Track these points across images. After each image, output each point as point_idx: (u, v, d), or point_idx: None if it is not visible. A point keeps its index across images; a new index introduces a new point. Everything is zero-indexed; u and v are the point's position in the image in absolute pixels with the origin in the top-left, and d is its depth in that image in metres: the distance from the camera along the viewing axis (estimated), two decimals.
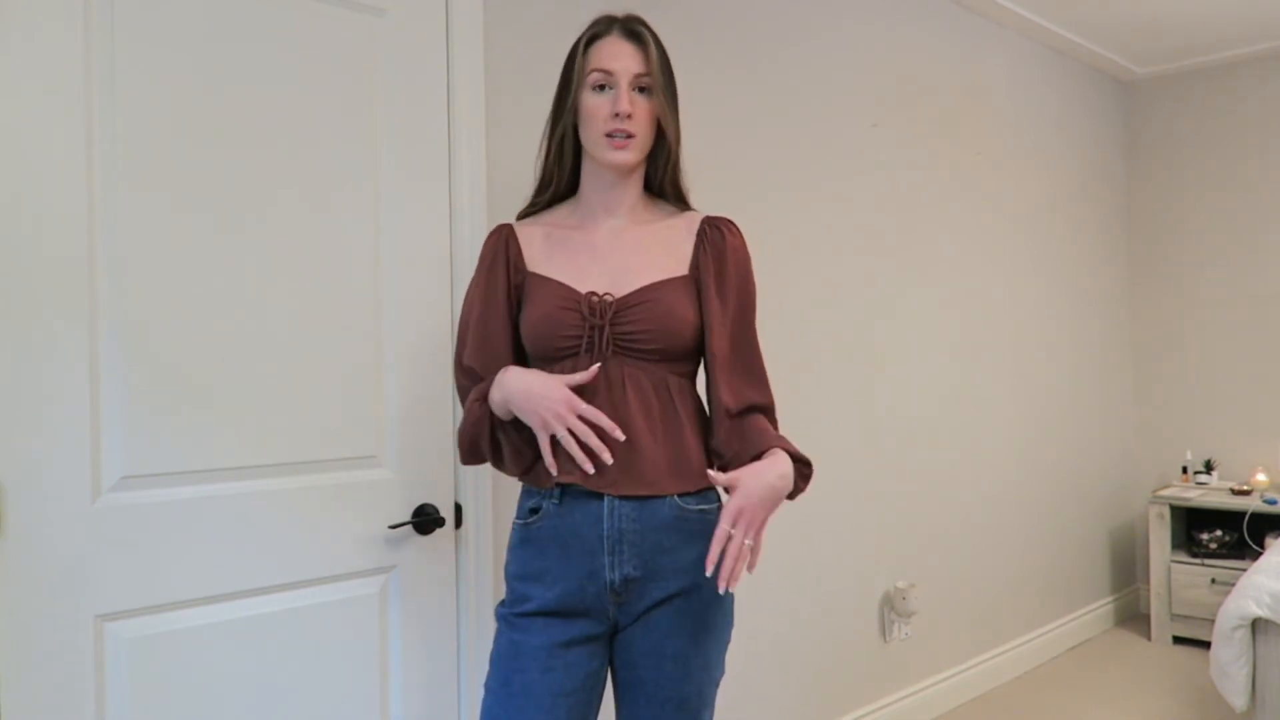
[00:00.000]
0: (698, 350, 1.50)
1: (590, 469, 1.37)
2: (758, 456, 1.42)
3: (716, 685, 1.50)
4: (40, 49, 1.48)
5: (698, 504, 1.45)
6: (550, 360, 1.46)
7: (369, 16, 1.85)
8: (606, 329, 1.42)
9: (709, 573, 1.32)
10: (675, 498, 1.42)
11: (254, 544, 1.69)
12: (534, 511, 1.45)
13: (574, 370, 1.42)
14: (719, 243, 1.51)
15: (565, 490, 1.42)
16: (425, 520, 1.89)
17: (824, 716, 2.86)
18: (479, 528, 1.99)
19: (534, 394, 1.37)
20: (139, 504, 1.57)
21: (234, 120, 1.67)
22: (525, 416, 1.39)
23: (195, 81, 1.63)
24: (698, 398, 1.52)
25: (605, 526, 1.40)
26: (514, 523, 1.50)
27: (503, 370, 1.44)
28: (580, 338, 1.42)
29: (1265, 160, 4.11)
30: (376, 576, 1.85)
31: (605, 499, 1.40)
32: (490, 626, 2.00)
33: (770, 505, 1.35)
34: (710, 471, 1.36)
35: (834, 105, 2.92)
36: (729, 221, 1.54)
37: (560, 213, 1.56)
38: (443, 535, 1.94)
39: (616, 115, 1.41)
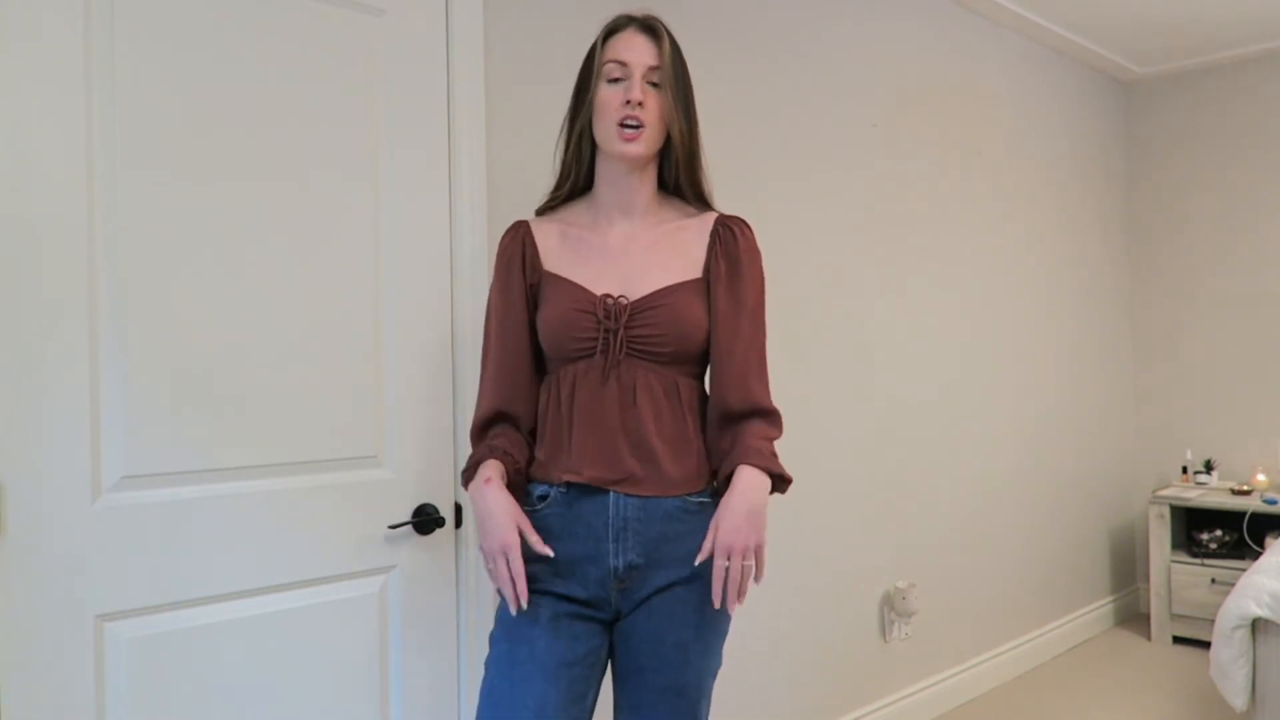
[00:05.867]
0: (708, 353, 1.53)
1: (517, 607, 1.41)
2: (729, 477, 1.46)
3: (714, 676, 1.52)
4: (40, 48, 1.48)
5: (699, 496, 1.49)
6: (565, 360, 1.49)
7: (369, 16, 1.85)
8: (621, 331, 1.45)
9: (716, 605, 1.38)
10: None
11: (254, 544, 1.69)
12: (542, 499, 1.49)
13: (589, 371, 1.46)
14: (731, 244, 1.52)
15: (572, 482, 1.47)
16: (425, 520, 1.89)
17: (824, 716, 2.86)
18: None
19: (485, 527, 1.42)
20: (139, 504, 1.57)
21: (233, 120, 1.67)
22: (479, 535, 1.44)
23: (195, 81, 1.63)
24: (705, 399, 1.55)
25: (611, 515, 1.44)
26: (523, 509, 1.50)
27: (483, 483, 1.44)
28: (595, 339, 1.45)
29: (1265, 160, 4.11)
30: (376, 576, 1.85)
31: (611, 491, 1.45)
32: (489, 626, 2.00)
33: (754, 521, 1.40)
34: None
35: (834, 104, 2.92)
36: (742, 221, 1.56)
37: (575, 210, 1.57)
38: (443, 535, 1.94)
39: (628, 103, 1.43)
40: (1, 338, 1.45)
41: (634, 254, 1.50)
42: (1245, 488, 3.90)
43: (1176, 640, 3.96)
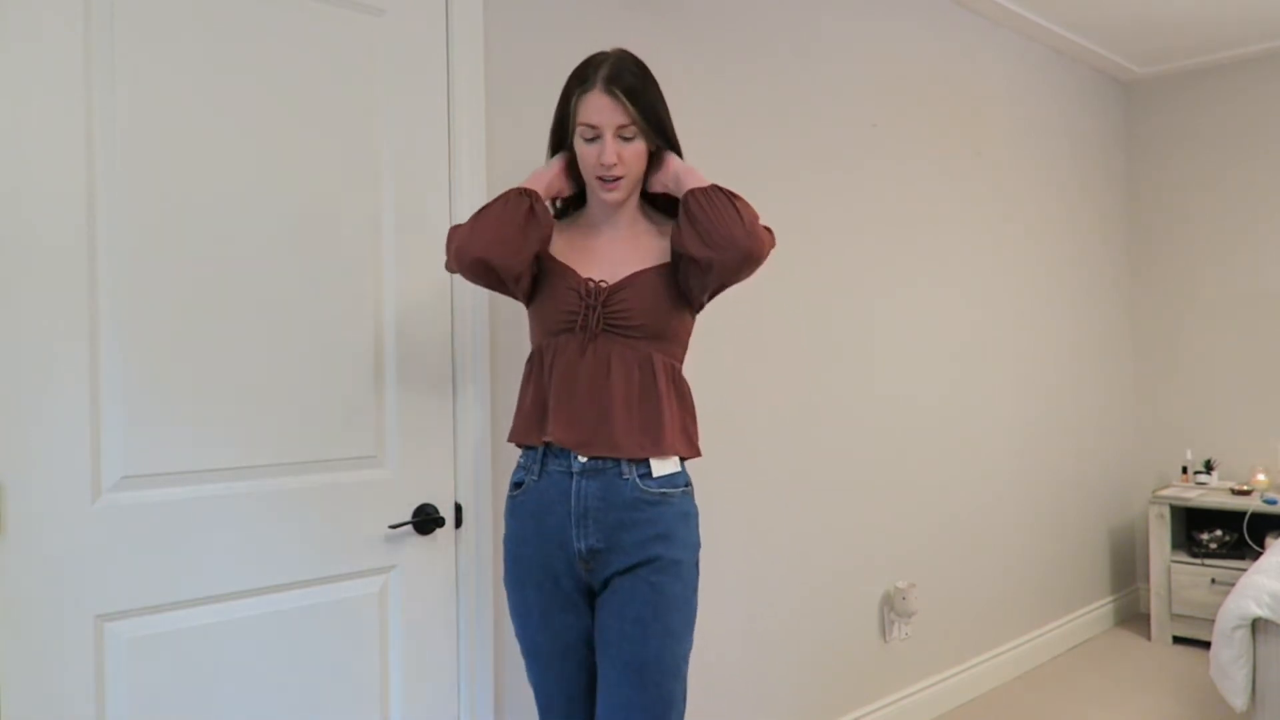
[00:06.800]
0: (683, 332, 1.69)
1: None
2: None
3: (684, 659, 1.60)
4: (40, 48, 1.48)
5: (659, 486, 1.61)
6: (551, 334, 1.65)
7: (369, 16, 1.85)
8: (599, 309, 1.61)
9: None
10: (636, 480, 1.59)
11: (254, 544, 1.69)
12: (518, 486, 1.67)
13: (569, 344, 1.61)
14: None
15: (544, 468, 1.62)
16: (425, 520, 1.89)
17: (824, 716, 2.86)
18: (479, 528, 1.99)
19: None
20: (139, 504, 1.57)
21: (233, 120, 1.67)
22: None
23: (195, 82, 1.63)
24: (683, 380, 1.69)
25: (573, 502, 1.59)
26: (507, 495, 1.71)
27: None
28: (577, 314, 1.61)
29: (1265, 160, 4.11)
30: (376, 576, 1.85)
31: (574, 479, 1.59)
32: (489, 626, 2.00)
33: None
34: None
35: (834, 104, 2.92)
36: None
37: (573, 218, 1.77)
38: (443, 535, 1.94)
39: (602, 164, 1.59)
40: (1, 338, 1.45)
41: (617, 249, 1.69)
42: (1245, 488, 3.90)
43: (1176, 640, 3.96)
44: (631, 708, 1.54)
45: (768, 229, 1.63)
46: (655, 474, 1.60)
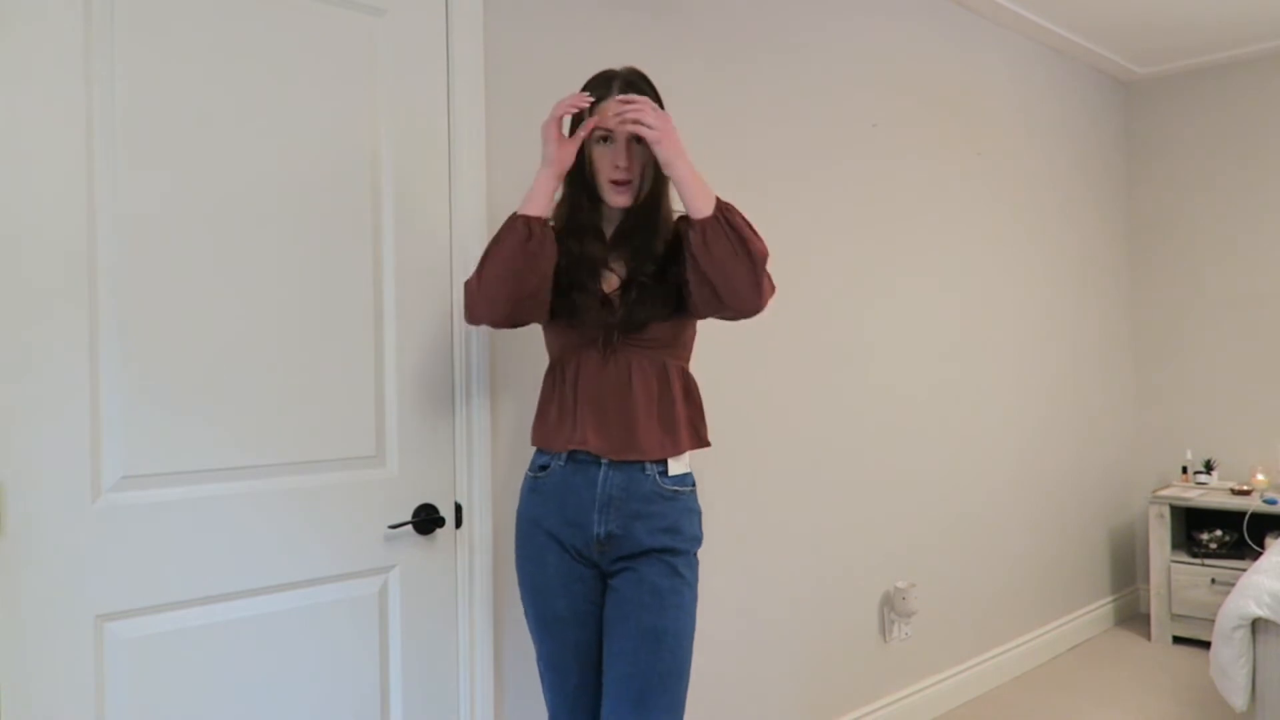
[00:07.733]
0: (690, 336, 1.79)
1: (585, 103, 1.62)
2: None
3: (691, 637, 1.69)
4: (41, 45, 1.48)
5: (673, 484, 1.72)
6: (572, 347, 1.72)
7: (369, 16, 1.85)
8: (617, 325, 1.69)
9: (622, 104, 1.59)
10: (656, 476, 1.70)
11: (254, 544, 1.69)
12: (544, 468, 1.74)
13: (591, 356, 1.70)
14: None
15: (572, 455, 1.71)
16: (425, 520, 1.89)
17: (824, 716, 2.86)
18: (479, 528, 1.99)
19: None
20: (139, 504, 1.57)
21: (233, 120, 1.67)
22: (548, 152, 1.63)
23: (195, 81, 1.63)
24: (691, 378, 1.78)
25: (599, 490, 1.68)
26: (526, 474, 1.79)
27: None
28: (598, 331, 1.69)
29: (1265, 160, 4.11)
30: (376, 576, 1.85)
31: (601, 467, 1.68)
32: (489, 626, 2.00)
33: (675, 135, 1.59)
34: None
35: (834, 104, 2.92)
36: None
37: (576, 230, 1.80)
38: (443, 535, 1.94)
39: (616, 166, 1.67)
40: (1, 336, 1.45)
41: (625, 261, 1.73)
42: (1245, 488, 3.90)
43: (1176, 640, 3.96)
44: (649, 674, 1.62)
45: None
46: (671, 472, 1.71)
